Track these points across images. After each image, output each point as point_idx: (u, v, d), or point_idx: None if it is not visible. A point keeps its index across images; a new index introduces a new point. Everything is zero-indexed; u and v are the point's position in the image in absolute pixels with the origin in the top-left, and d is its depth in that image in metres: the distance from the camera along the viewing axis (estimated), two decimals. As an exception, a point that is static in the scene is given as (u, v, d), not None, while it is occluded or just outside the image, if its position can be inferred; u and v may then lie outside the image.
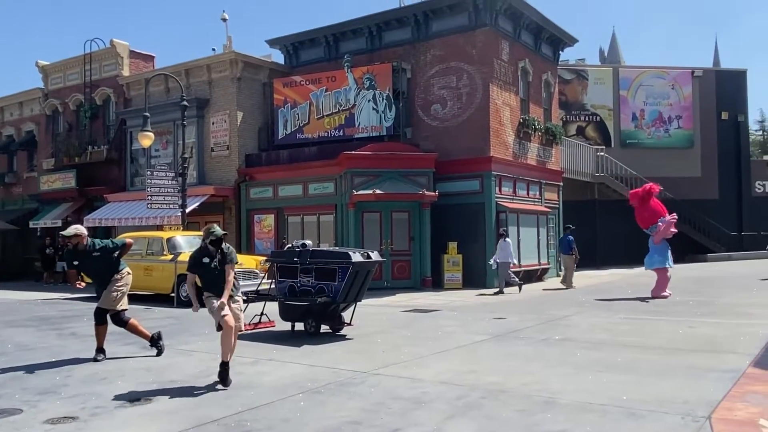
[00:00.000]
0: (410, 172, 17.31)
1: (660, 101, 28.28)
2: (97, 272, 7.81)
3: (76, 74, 24.30)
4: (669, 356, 7.22)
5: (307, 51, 21.03)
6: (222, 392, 5.95)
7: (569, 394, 5.56)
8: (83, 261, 7.71)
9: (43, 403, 5.63)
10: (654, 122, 28.20)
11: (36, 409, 5.42)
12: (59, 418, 5.14)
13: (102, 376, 6.68)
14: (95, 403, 5.60)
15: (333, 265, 9.00)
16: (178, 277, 13.79)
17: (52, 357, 7.86)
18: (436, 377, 6.34)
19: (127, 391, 5.99)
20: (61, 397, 5.85)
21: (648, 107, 28.16)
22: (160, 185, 16.14)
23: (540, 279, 19.18)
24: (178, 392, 5.98)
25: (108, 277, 7.73)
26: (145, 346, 8.17)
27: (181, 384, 6.31)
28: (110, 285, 7.70)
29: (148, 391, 6.02)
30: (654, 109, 28.20)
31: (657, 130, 28.22)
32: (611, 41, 48.44)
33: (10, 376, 6.79)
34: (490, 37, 17.64)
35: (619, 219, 25.61)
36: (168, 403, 5.59)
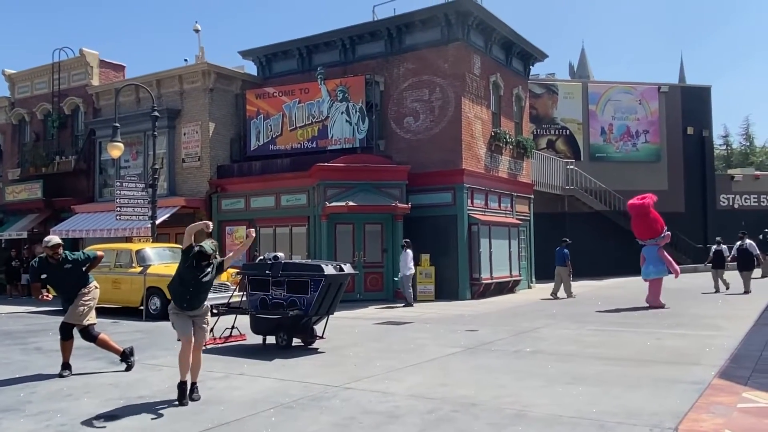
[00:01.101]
0: (383, 184, 17.36)
1: (628, 116, 28.90)
2: (66, 285, 7.62)
3: (44, 83, 23.87)
4: (637, 368, 7.34)
5: (280, 63, 21.01)
6: (191, 408, 5.86)
7: (540, 407, 5.61)
8: (53, 273, 7.51)
9: (6, 421, 5.48)
10: (622, 136, 28.79)
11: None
12: (22, 437, 5.01)
13: (68, 393, 6.53)
14: (60, 420, 5.47)
15: (305, 277, 8.96)
16: (148, 289, 13.57)
17: (16, 373, 7.65)
18: (408, 391, 6.34)
19: (94, 408, 5.86)
20: (24, 414, 5.69)
21: (616, 122, 28.75)
22: (130, 196, 15.90)
23: (512, 291, 19.35)
24: (146, 408, 5.87)
25: (75, 291, 7.56)
26: (113, 361, 8.01)
27: (149, 400, 6.19)
28: (77, 299, 7.54)
29: (116, 407, 5.90)
30: (622, 123, 28.80)
31: (625, 144, 28.81)
32: (580, 57, 49.53)
33: (-29, 393, 6.59)
34: (462, 52, 17.86)
35: (588, 231, 26.09)
36: (136, 420, 5.48)
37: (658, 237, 14.40)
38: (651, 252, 14.39)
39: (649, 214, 14.41)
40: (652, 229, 14.37)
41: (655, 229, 14.37)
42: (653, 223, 14.38)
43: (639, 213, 14.54)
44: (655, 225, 14.39)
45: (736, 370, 6.88)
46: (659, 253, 14.31)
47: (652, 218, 14.41)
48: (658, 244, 14.42)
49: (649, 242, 14.51)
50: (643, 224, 14.47)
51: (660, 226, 14.44)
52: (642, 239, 14.70)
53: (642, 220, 14.50)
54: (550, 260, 24.32)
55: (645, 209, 14.40)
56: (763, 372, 6.72)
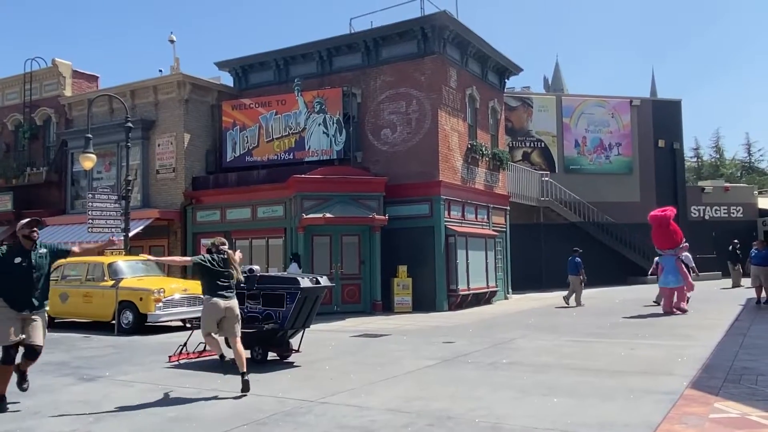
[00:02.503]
0: (360, 195, 17.35)
1: (601, 129, 29.35)
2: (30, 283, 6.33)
3: (15, 93, 23.48)
4: (611, 379, 7.39)
5: (256, 74, 20.94)
6: (163, 425, 5.74)
7: (515, 419, 5.61)
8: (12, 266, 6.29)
9: (-32, 441, 5.31)
10: (595, 149, 29.21)
11: (-40, 449, 5.10)
12: (-15, 458, 4.85)
13: (35, 410, 6.34)
14: (26, 440, 5.31)
15: (281, 290, 8.87)
16: (120, 303, 13.33)
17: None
18: (384, 404, 6.30)
19: (63, 426, 5.70)
20: (-12, 434, 5.52)
21: (590, 134, 29.17)
22: (102, 208, 15.66)
23: (489, 302, 19.42)
24: (116, 426, 5.73)
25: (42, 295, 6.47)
26: (82, 377, 7.83)
27: (120, 417, 6.05)
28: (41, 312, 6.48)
29: (84, 425, 5.75)
30: (595, 136, 29.23)
31: (598, 157, 29.23)
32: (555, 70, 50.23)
33: (-67, 412, 6.37)
34: (438, 65, 18.00)
35: (564, 242, 26.30)
36: (105, 439, 5.35)
37: (677, 247, 14.97)
38: (669, 262, 14.93)
39: (669, 225, 15.02)
40: (671, 239, 15.01)
41: (675, 240, 15.02)
42: (673, 234, 15.01)
43: (660, 224, 15.15)
44: (674, 236, 15.02)
45: (708, 381, 6.96)
46: (677, 264, 14.81)
47: (671, 229, 15.02)
48: (677, 255, 14.94)
49: (668, 252, 15.05)
50: (663, 235, 15.08)
51: (679, 238, 15.07)
52: (661, 249, 15.28)
53: (662, 230, 15.08)
54: (526, 271, 24.52)
55: (666, 220, 15.02)
56: (735, 382, 6.82)
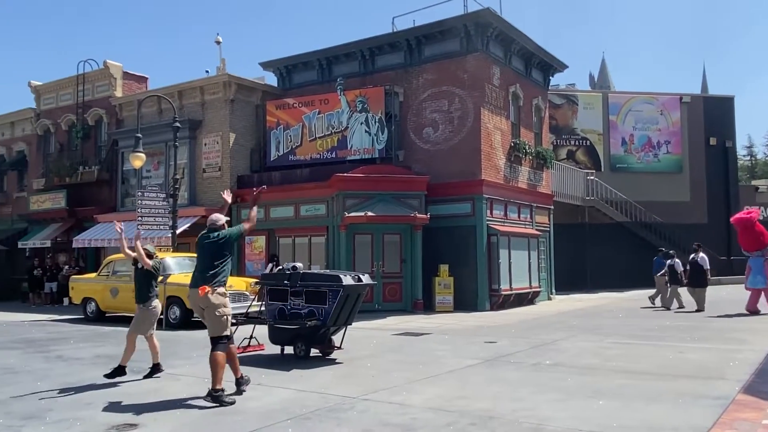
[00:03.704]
0: (402, 194, 17.37)
1: (649, 126, 28.62)
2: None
3: (69, 95, 24.35)
4: (658, 381, 7.22)
5: (300, 74, 21.19)
6: (209, 418, 5.89)
7: (559, 421, 5.54)
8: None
9: (27, 428, 5.55)
10: (643, 147, 28.51)
11: (19, 435, 5.34)
12: (43, 445, 5.07)
13: (88, 401, 6.59)
14: (80, 428, 5.52)
15: (323, 288, 8.97)
16: (168, 299, 13.69)
17: (38, 380, 7.75)
18: (426, 403, 6.30)
19: (113, 417, 5.90)
20: (45, 422, 5.75)
21: (637, 132, 28.49)
22: (151, 206, 16.09)
23: (531, 302, 19.18)
24: (164, 417, 5.90)
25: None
26: (131, 370, 8.08)
27: (167, 409, 6.23)
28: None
29: (134, 416, 5.94)
30: (643, 134, 28.53)
31: (646, 155, 28.52)
32: (601, 67, 49.23)
33: (-6, 400, 6.68)
34: (481, 63, 17.86)
35: (609, 242, 25.82)
36: (154, 429, 5.51)
37: (765, 249, 14.70)
38: (757, 263, 14.69)
39: (755, 226, 14.82)
40: (758, 241, 14.77)
41: (762, 241, 14.76)
42: (759, 236, 14.79)
43: (745, 226, 14.96)
44: (761, 237, 14.79)
45: (761, 386, 6.72)
46: (766, 265, 14.52)
47: (758, 231, 14.81)
48: (765, 257, 14.65)
49: (756, 254, 14.79)
50: (749, 237, 14.88)
51: (766, 239, 14.77)
52: (749, 251, 14.98)
53: (748, 232, 14.88)
54: (570, 272, 24.12)
55: (751, 222, 14.84)
56: (790, 388, 6.57)
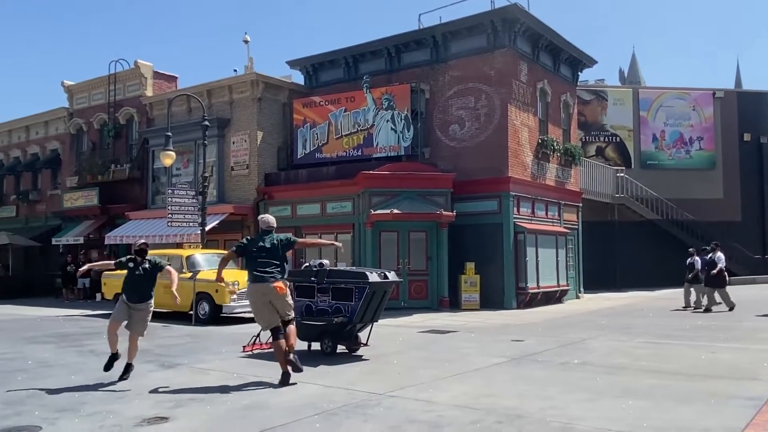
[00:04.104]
0: (428, 192, 17.33)
1: (681, 122, 28.07)
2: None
3: (101, 94, 24.83)
4: (689, 382, 7.09)
5: (326, 72, 21.29)
6: (238, 412, 5.97)
7: (588, 421, 5.48)
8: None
9: (62, 420, 5.69)
10: (675, 143, 27.98)
11: (54, 427, 5.48)
12: (77, 436, 5.19)
13: (120, 395, 6.73)
14: (113, 421, 5.64)
15: (350, 285, 9.01)
16: (197, 295, 13.89)
17: (72, 374, 7.93)
18: (452, 400, 6.29)
19: (145, 410, 6.02)
20: (79, 414, 5.90)
21: (669, 128, 27.97)
22: (181, 203, 16.33)
23: (559, 301, 18.98)
24: (195, 411, 6.00)
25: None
26: (162, 364, 8.23)
27: (197, 403, 6.33)
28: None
29: (165, 409, 6.05)
30: (675, 130, 28.00)
31: (678, 152, 27.98)
32: (631, 62, 48.43)
33: (30, 393, 6.87)
34: (508, 59, 17.72)
35: (639, 241, 25.40)
36: (185, 422, 5.61)
37: None
38: None
39: None
40: None
41: None
42: None
43: None
44: None
45: (797, 388, 6.56)
46: None
47: None
48: None
49: None
50: None
51: None
52: None
53: None
54: (599, 270, 23.80)
55: None
56: (827, 390, 6.40)
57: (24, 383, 7.37)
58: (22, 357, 9.42)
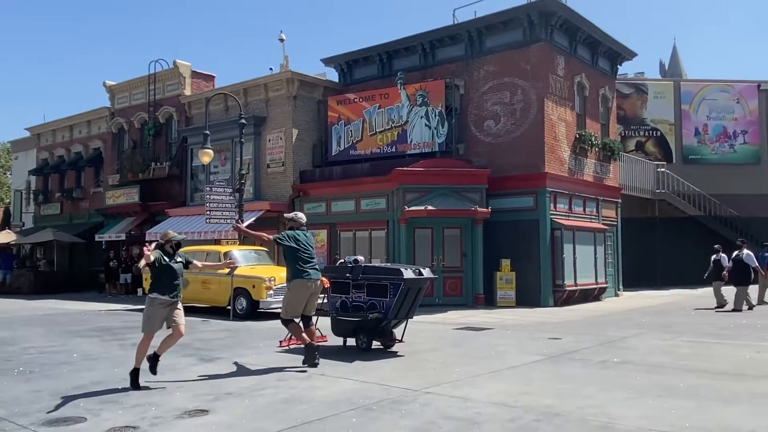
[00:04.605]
0: (462, 188, 17.22)
1: (724, 116, 27.25)
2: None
3: (141, 94, 25.37)
4: (734, 382, 6.90)
5: (360, 69, 21.33)
6: (276, 406, 6.04)
7: (628, 420, 5.38)
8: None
9: (106, 412, 5.84)
10: (718, 137, 27.18)
11: (99, 418, 5.63)
12: (121, 427, 5.33)
13: (161, 387, 6.87)
14: (155, 413, 5.77)
15: (385, 281, 9.02)
16: (235, 290, 14.11)
17: (115, 367, 8.14)
18: (489, 398, 6.25)
19: (185, 402, 6.15)
20: (122, 406, 6.05)
21: (711, 122, 27.18)
22: (219, 200, 16.57)
23: (597, 299, 18.66)
24: (233, 404, 6.10)
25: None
26: (202, 358, 8.37)
27: (236, 396, 6.43)
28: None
29: (206, 402, 6.16)
30: (718, 123, 27.19)
31: (721, 146, 27.18)
32: (672, 54, 47.13)
33: (75, 385, 7.07)
34: (545, 52, 17.47)
35: (681, 237, 24.77)
36: (224, 415, 5.71)
37: None
38: None
39: None
40: None
41: None
42: None
43: None
44: None
45: None
46: None
47: None
48: None
49: None
50: None
51: None
52: None
53: None
54: (639, 267, 23.28)
55: None
56: None
57: (69, 375, 7.59)
58: (67, 350, 9.71)
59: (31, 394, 6.57)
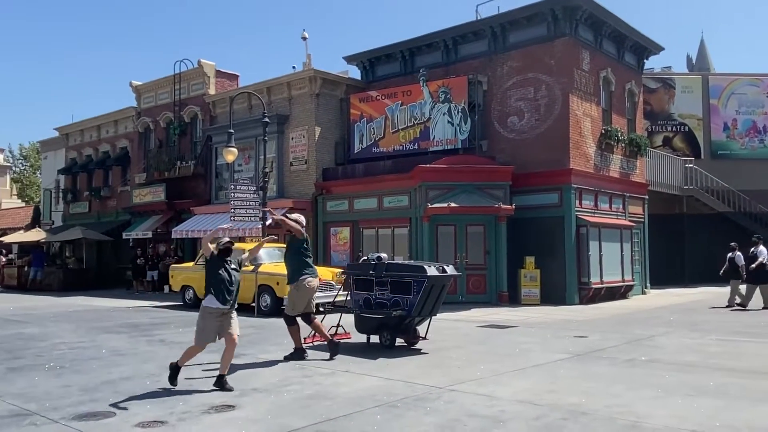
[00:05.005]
0: (486, 185, 17.11)
1: (754, 110, 26.67)
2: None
3: (166, 93, 25.68)
4: (764, 381, 6.76)
5: (383, 66, 21.32)
6: (301, 402, 6.08)
7: (656, 419, 5.30)
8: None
9: (134, 407, 5.93)
10: (748, 132, 26.61)
11: (128, 413, 5.72)
12: (149, 422, 5.40)
13: (189, 382, 6.96)
14: (182, 408, 5.84)
15: (408, 278, 9.01)
16: (259, 287, 14.22)
17: (143, 362, 8.27)
18: (514, 396, 6.20)
19: (212, 398, 6.21)
20: (150, 401, 6.13)
21: (741, 116, 26.62)
22: (243, 199, 16.68)
23: (624, 297, 18.41)
24: (259, 400, 6.15)
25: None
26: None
27: (262, 392, 6.49)
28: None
29: (232, 397, 6.23)
30: (748, 118, 26.62)
31: (751, 141, 26.60)
32: (699, 48, 46.23)
33: (104, 380, 7.20)
34: (569, 47, 17.27)
35: (709, 234, 24.29)
36: (250, 411, 5.76)
37: None
38: None
39: None
40: None
41: None
42: None
43: None
44: None
45: None
46: None
47: None
48: None
49: None
50: None
51: None
52: None
53: None
54: (666, 265, 22.89)
55: None
56: None
57: (99, 371, 7.73)
58: (96, 346, 9.88)
59: (61, 389, 6.70)
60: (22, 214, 36.72)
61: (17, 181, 51.07)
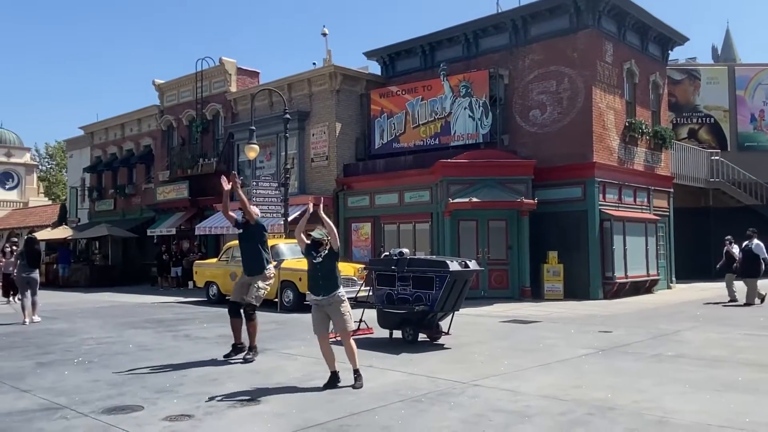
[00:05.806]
0: (507, 179, 16.99)
1: (782, 100, 26.07)
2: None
3: (189, 91, 25.91)
4: (799, 378, 6.62)
5: (403, 61, 21.26)
6: (324, 397, 6.11)
7: (685, 414, 5.23)
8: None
9: (161, 401, 6.01)
10: (776, 123, 26.03)
11: (155, 407, 5.80)
12: (177, 416, 5.47)
13: (213, 377, 7.04)
14: (209, 402, 5.91)
15: (430, 273, 8.99)
16: (282, 283, 14.30)
17: (169, 357, 8.37)
18: (539, 391, 6.16)
19: (237, 392, 6.27)
20: (177, 395, 6.21)
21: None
22: (265, 195, 16.81)
23: (649, 291, 18.17)
24: (283, 395, 6.19)
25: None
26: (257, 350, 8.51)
27: (286, 387, 6.53)
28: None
29: (256, 392, 6.28)
30: (775, 108, 26.03)
31: (779, 132, 26.03)
32: (725, 38, 45.38)
33: (132, 374, 7.30)
34: (592, 39, 17.05)
35: (736, 227, 23.80)
36: (275, 405, 5.80)
37: None
38: None
39: None
40: None
41: None
42: None
43: None
44: None
45: None
46: None
47: None
48: None
49: None
50: None
51: None
52: None
53: None
54: (692, 259, 22.53)
55: None
56: None
57: (126, 366, 7.84)
58: (123, 341, 10.03)
59: (90, 383, 6.81)
60: (49, 212, 37.38)
61: (44, 179, 52.01)
